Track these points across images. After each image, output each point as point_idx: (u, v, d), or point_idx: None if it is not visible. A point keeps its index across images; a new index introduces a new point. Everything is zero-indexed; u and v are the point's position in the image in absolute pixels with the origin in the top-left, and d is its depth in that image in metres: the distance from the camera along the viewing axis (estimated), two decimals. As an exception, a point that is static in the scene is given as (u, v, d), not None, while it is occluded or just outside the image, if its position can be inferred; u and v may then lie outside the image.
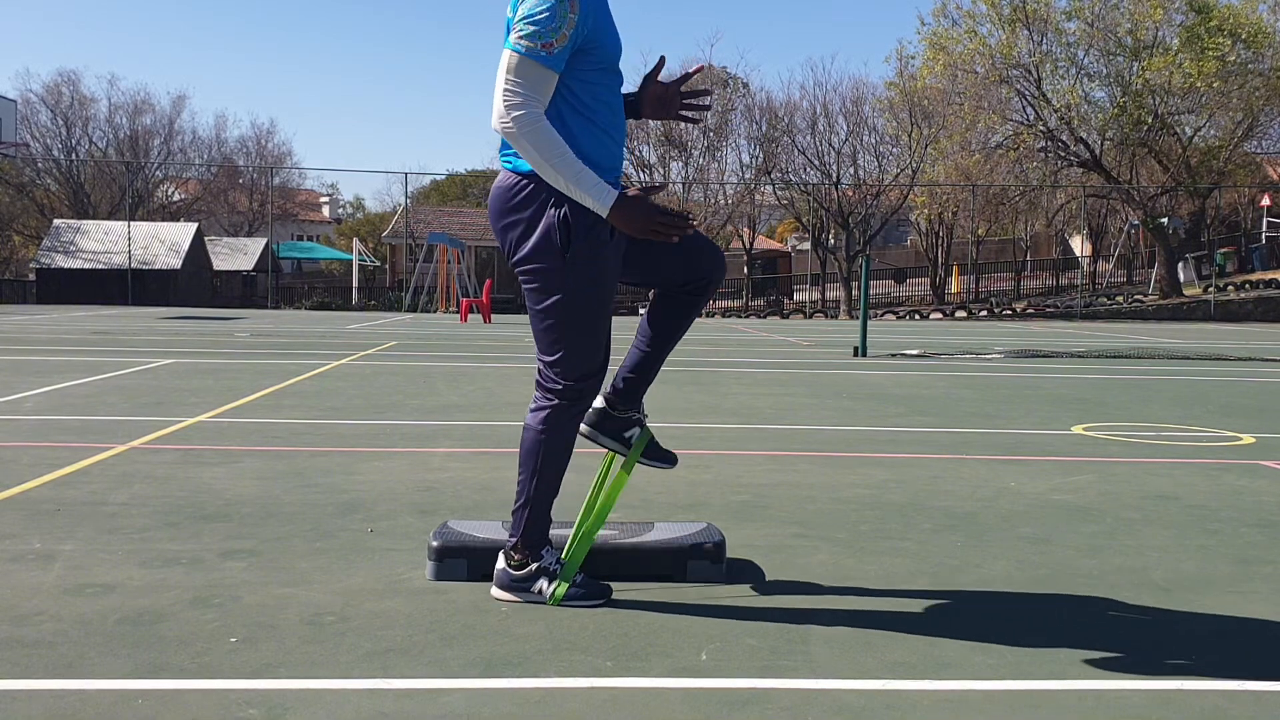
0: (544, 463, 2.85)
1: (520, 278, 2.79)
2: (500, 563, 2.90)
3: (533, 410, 2.87)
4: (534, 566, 2.86)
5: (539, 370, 2.85)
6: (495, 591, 2.89)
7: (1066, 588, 3.06)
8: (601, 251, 2.73)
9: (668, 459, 3.09)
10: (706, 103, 3.11)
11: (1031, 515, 3.97)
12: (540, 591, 2.84)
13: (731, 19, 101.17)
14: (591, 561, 2.99)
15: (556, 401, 2.82)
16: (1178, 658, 2.49)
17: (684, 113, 3.01)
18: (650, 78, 2.96)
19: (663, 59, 2.93)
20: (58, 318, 20.87)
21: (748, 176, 38.80)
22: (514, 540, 2.88)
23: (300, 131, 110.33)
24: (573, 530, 2.97)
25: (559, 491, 2.91)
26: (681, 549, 3.05)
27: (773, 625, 2.66)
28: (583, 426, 2.97)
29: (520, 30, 2.60)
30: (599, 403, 2.99)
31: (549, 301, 2.74)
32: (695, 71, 3.02)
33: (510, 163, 2.77)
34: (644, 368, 3.02)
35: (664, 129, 36.54)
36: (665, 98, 2.97)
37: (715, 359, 11.90)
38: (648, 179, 39.23)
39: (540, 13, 2.58)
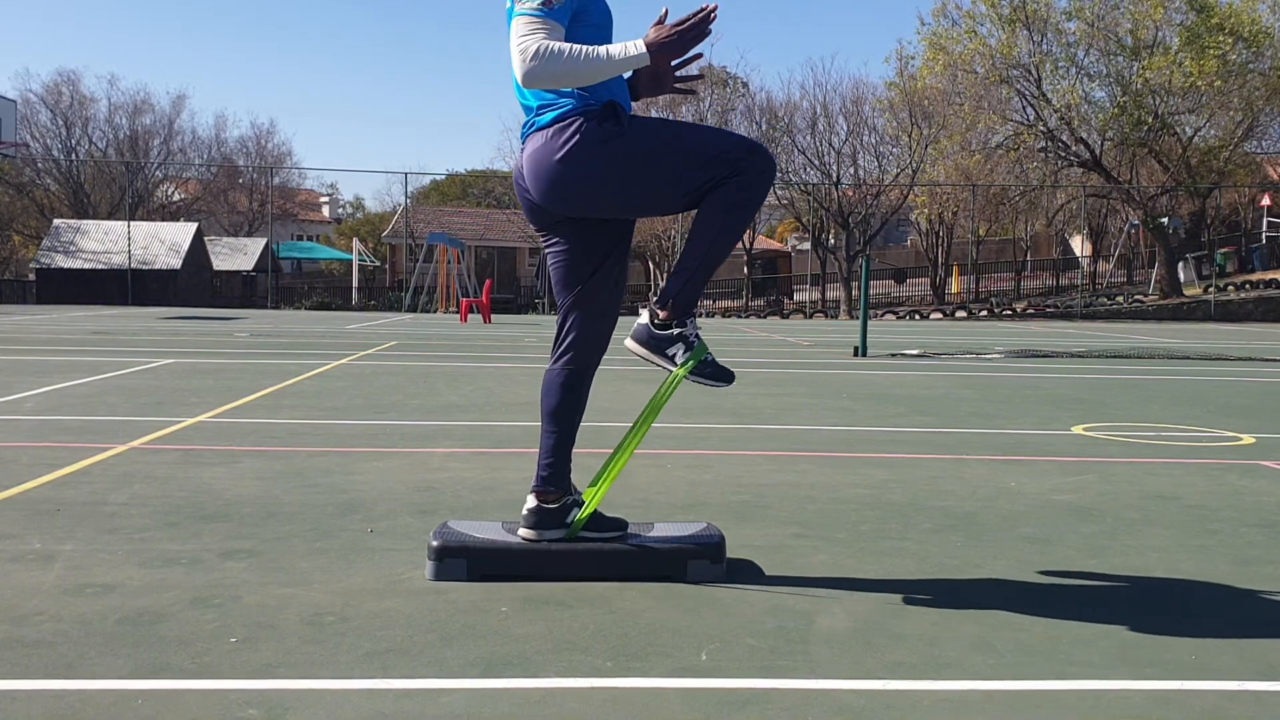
0: (722, 231, 2.85)
1: (599, 191, 2.83)
2: (643, 318, 2.94)
3: (726, 189, 2.83)
4: (676, 331, 2.90)
5: (724, 159, 2.82)
6: (630, 344, 2.94)
7: (1066, 588, 3.06)
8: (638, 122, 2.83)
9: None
10: (696, 71, 3.19)
11: (1031, 515, 3.97)
12: (674, 357, 2.89)
13: (731, 19, 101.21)
14: (591, 561, 3.00)
15: (740, 173, 2.81)
16: (1178, 658, 2.49)
17: (678, 86, 3.06)
18: None
19: None
20: (58, 318, 20.87)
21: (748, 176, 38.75)
22: (665, 302, 2.91)
23: (300, 131, 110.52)
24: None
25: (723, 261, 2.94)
26: (681, 549, 3.05)
27: (773, 625, 2.66)
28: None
29: None
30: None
31: (640, 152, 2.80)
32: None
33: (532, 125, 2.88)
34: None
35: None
36: (657, 74, 3.02)
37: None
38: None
39: None
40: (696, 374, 2.92)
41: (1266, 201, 34.38)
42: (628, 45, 2.74)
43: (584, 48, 2.71)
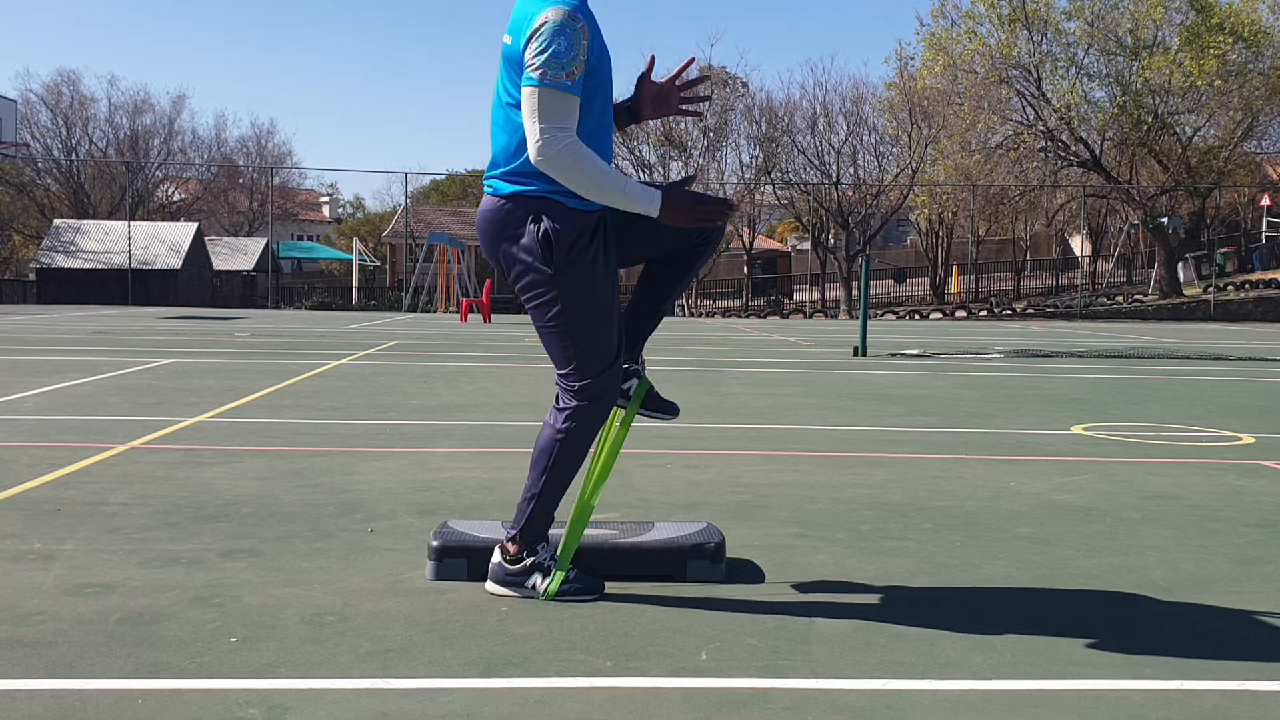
0: (557, 462, 2.86)
1: (522, 297, 2.83)
2: (495, 557, 2.92)
3: (555, 410, 2.88)
4: (529, 561, 2.88)
5: (557, 381, 2.88)
6: (490, 586, 2.91)
7: (1066, 588, 3.06)
8: (589, 254, 2.77)
9: (668, 410, 3.09)
10: (704, 92, 3.14)
11: (1031, 515, 3.97)
12: (534, 587, 2.86)
13: (731, 19, 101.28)
14: (591, 560, 3.00)
15: (577, 404, 2.84)
16: (1178, 658, 2.49)
17: (684, 107, 3.03)
18: (644, 78, 2.99)
19: (653, 58, 2.99)
20: (58, 318, 20.87)
21: (748, 176, 38.82)
22: (512, 534, 2.90)
23: (300, 131, 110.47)
24: (570, 519, 2.98)
25: (564, 494, 2.92)
26: (681, 549, 3.05)
27: (773, 625, 2.66)
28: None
29: (540, 64, 2.62)
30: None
31: (551, 314, 2.79)
32: (687, 64, 3.03)
33: (491, 186, 2.82)
34: (640, 324, 3.05)
35: (663, 128, 36.56)
36: (662, 95, 3.00)
37: (715, 359, 11.90)
38: (647, 178, 39.25)
39: (556, 44, 2.61)
40: (562, 595, 2.87)
41: (1266, 201, 34.37)
42: (651, 192, 2.68)
43: (608, 170, 2.66)
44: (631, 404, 3.03)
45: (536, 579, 2.87)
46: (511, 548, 2.89)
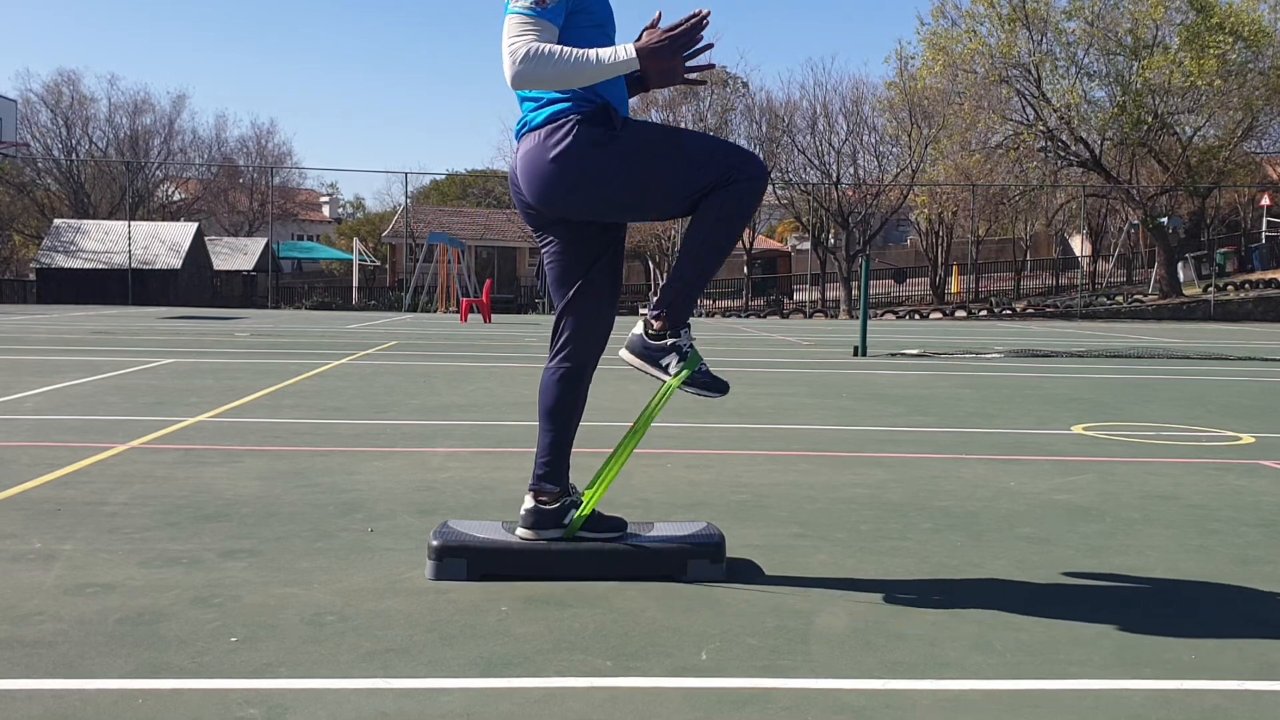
0: (712, 243, 2.86)
1: (611, 193, 2.82)
2: (638, 329, 2.96)
3: (716, 195, 2.84)
4: (670, 341, 2.92)
5: (715, 182, 2.82)
6: (624, 355, 2.97)
7: (1066, 588, 3.06)
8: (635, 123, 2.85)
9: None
10: (708, 61, 3.15)
11: (1031, 515, 3.97)
12: (668, 367, 2.91)
13: (731, 19, 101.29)
14: (591, 561, 3.00)
15: (737, 184, 2.81)
16: (1177, 657, 2.49)
17: (689, 76, 3.02)
18: None
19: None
20: (58, 318, 20.86)
21: (748, 176, 38.79)
22: (659, 313, 2.93)
23: (300, 131, 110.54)
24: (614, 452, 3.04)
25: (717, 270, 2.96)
26: (681, 549, 3.05)
27: (773, 625, 2.66)
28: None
29: None
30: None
31: (651, 160, 2.81)
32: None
33: (525, 125, 2.88)
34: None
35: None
36: (669, 65, 2.98)
37: (715, 359, 11.90)
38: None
39: None
40: (690, 384, 2.93)
41: (1266, 201, 34.39)
42: (617, 50, 2.72)
43: (574, 51, 2.68)
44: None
45: (672, 360, 2.91)
46: (655, 324, 2.93)
